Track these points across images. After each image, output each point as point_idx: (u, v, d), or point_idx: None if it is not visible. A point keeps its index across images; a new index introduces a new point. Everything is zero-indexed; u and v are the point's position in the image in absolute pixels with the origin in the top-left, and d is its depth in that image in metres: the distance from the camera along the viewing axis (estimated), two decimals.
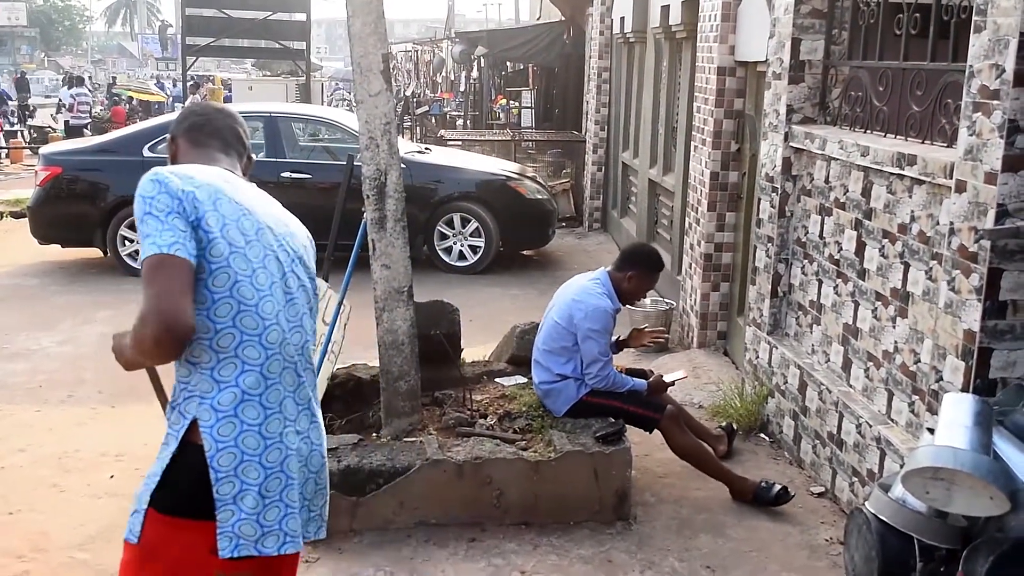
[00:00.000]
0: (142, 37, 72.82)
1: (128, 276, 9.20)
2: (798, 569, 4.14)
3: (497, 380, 5.36)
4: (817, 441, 4.96)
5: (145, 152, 9.46)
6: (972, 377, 3.53)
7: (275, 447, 2.27)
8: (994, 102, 3.40)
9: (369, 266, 4.56)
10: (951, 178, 3.70)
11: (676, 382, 5.13)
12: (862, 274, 4.66)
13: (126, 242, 9.55)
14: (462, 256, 10.11)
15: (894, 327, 4.35)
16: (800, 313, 5.41)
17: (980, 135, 3.48)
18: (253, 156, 2.63)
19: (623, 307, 4.92)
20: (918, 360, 4.12)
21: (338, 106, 26.11)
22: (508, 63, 19.85)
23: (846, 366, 4.83)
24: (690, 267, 7.54)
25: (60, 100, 24.67)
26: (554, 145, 15.18)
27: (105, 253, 9.78)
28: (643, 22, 10.03)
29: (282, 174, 9.70)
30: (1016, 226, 3.37)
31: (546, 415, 4.81)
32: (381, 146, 4.46)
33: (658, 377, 4.99)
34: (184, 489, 2.22)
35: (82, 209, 9.61)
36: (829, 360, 5.02)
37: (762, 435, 5.59)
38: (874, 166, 4.45)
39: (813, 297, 5.22)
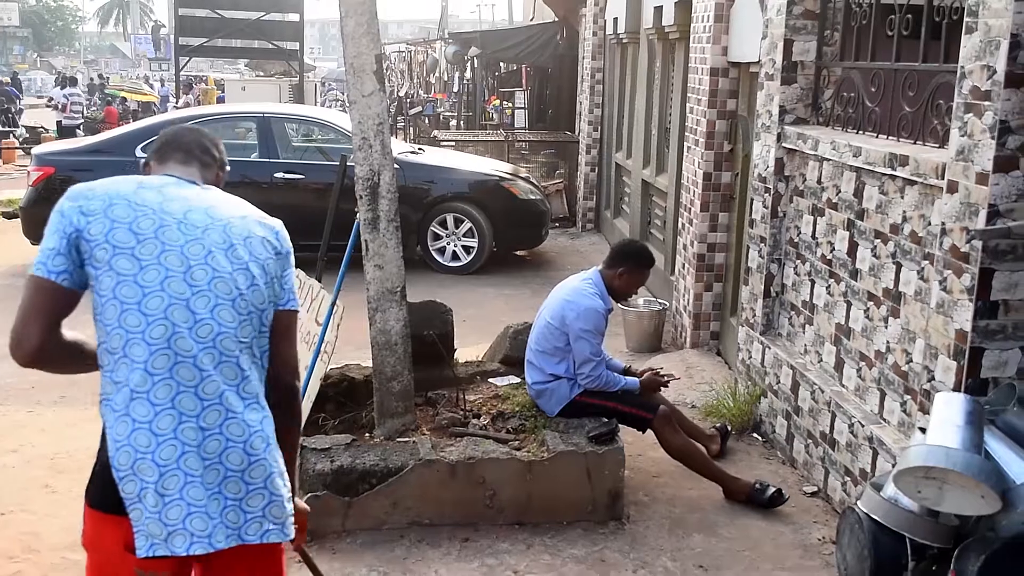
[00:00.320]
0: (135, 37, 72.63)
1: None
2: (791, 568, 4.15)
3: (490, 380, 5.36)
4: (810, 441, 4.97)
5: (138, 152, 9.42)
6: (964, 377, 3.54)
7: (168, 443, 2.24)
8: (985, 103, 3.41)
9: (362, 266, 4.56)
10: (943, 179, 3.71)
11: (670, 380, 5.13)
12: (854, 274, 4.67)
13: None
14: (455, 256, 10.11)
15: (886, 327, 4.36)
16: (793, 313, 5.42)
17: (971, 136, 3.49)
18: (226, 166, 2.69)
19: (616, 307, 4.93)
20: (910, 360, 4.13)
21: (331, 107, 26.10)
22: (501, 64, 19.84)
23: (839, 366, 4.84)
24: (683, 267, 7.55)
25: (51, 98, 24.65)
26: (547, 146, 15.18)
27: None
28: (636, 23, 10.03)
29: (275, 175, 9.69)
30: (1007, 226, 3.38)
31: (539, 415, 4.81)
32: (374, 146, 4.46)
33: (651, 375, 4.99)
34: (103, 485, 2.27)
35: None
36: (822, 360, 5.03)
37: (755, 435, 5.60)
38: (866, 167, 4.46)
39: (806, 297, 5.23)
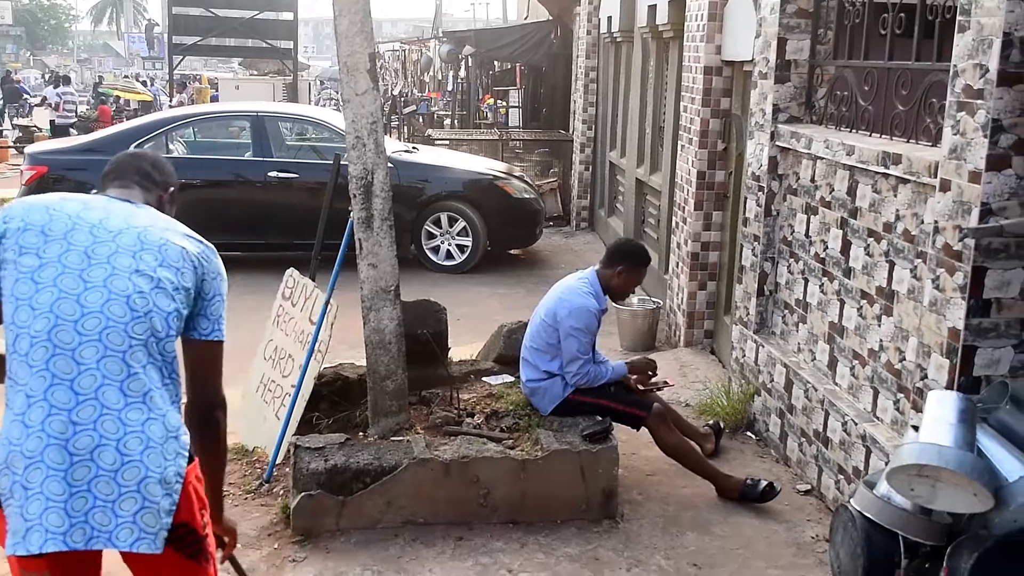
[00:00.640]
0: (128, 36, 72.48)
1: None
2: (784, 566, 4.15)
3: (484, 379, 5.36)
4: (803, 439, 4.98)
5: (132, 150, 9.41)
6: (956, 375, 3.55)
7: (34, 435, 2.22)
8: (978, 101, 3.42)
9: (356, 265, 4.56)
10: (936, 177, 3.72)
11: (664, 387, 5.15)
12: (848, 273, 4.68)
13: None
14: (449, 255, 10.10)
15: (879, 325, 4.37)
16: (786, 311, 5.43)
17: (964, 134, 3.49)
18: (172, 187, 2.77)
19: (610, 306, 4.93)
20: (903, 358, 4.14)
21: (325, 105, 26.07)
22: (496, 62, 19.85)
23: (832, 364, 4.85)
24: (677, 266, 7.55)
25: (44, 97, 24.60)
26: (541, 144, 15.19)
27: None
28: (630, 22, 10.04)
29: (269, 174, 9.68)
30: (1000, 224, 3.39)
31: (533, 414, 4.81)
32: (368, 145, 4.45)
33: (642, 359, 5.02)
34: None
35: None
36: (815, 358, 5.04)
37: (749, 433, 5.61)
38: (859, 165, 4.46)
39: (799, 295, 5.24)
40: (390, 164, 4.70)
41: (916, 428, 3.23)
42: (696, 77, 7.04)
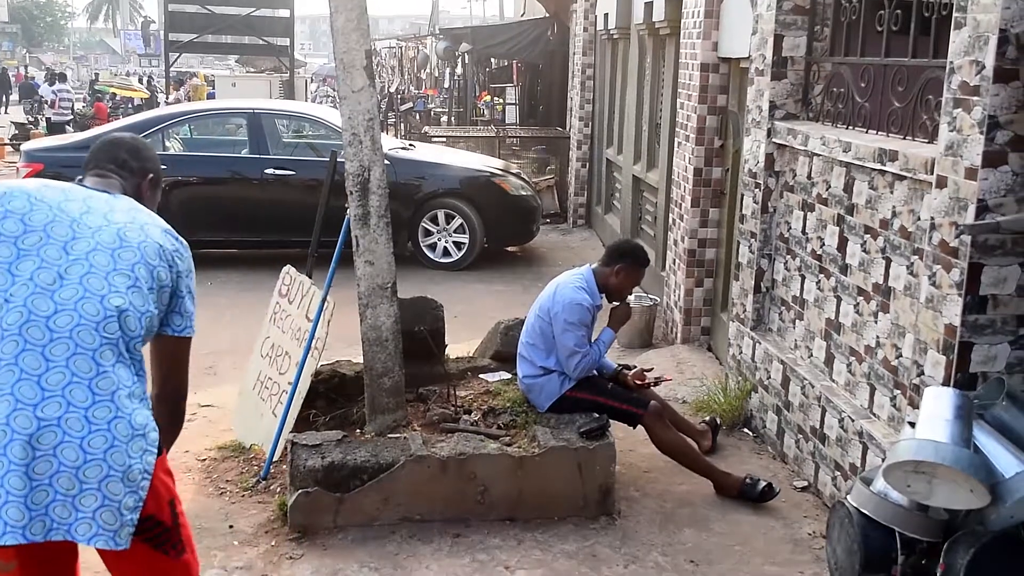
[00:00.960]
0: (124, 33, 72.39)
1: None
2: (781, 563, 4.16)
3: (481, 376, 5.36)
4: (800, 435, 4.98)
5: None
6: (953, 371, 3.55)
7: None
8: (974, 98, 3.42)
9: (353, 262, 4.56)
10: (932, 174, 3.72)
11: (660, 382, 5.16)
12: (844, 269, 4.68)
13: None
14: (446, 253, 10.10)
15: (876, 322, 4.37)
16: (783, 308, 5.43)
17: (961, 131, 3.50)
18: (151, 173, 2.76)
19: (606, 303, 4.93)
20: (900, 355, 4.14)
21: (322, 102, 26.03)
22: (492, 60, 19.82)
23: (829, 361, 4.85)
24: (674, 263, 7.55)
25: (40, 96, 24.58)
26: (538, 142, 15.17)
27: None
28: (627, 19, 10.03)
29: (265, 171, 9.67)
30: (996, 221, 3.39)
31: (530, 411, 4.81)
32: (364, 142, 4.45)
33: (639, 371, 5.04)
34: None
35: None
36: (812, 355, 5.04)
37: (745, 430, 5.61)
38: (856, 162, 4.46)
39: (796, 292, 5.24)
40: (387, 161, 4.69)
41: (913, 424, 3.24)
42: (693, 74, 7.03)
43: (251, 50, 24.74)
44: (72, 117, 21.35)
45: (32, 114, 25.20)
